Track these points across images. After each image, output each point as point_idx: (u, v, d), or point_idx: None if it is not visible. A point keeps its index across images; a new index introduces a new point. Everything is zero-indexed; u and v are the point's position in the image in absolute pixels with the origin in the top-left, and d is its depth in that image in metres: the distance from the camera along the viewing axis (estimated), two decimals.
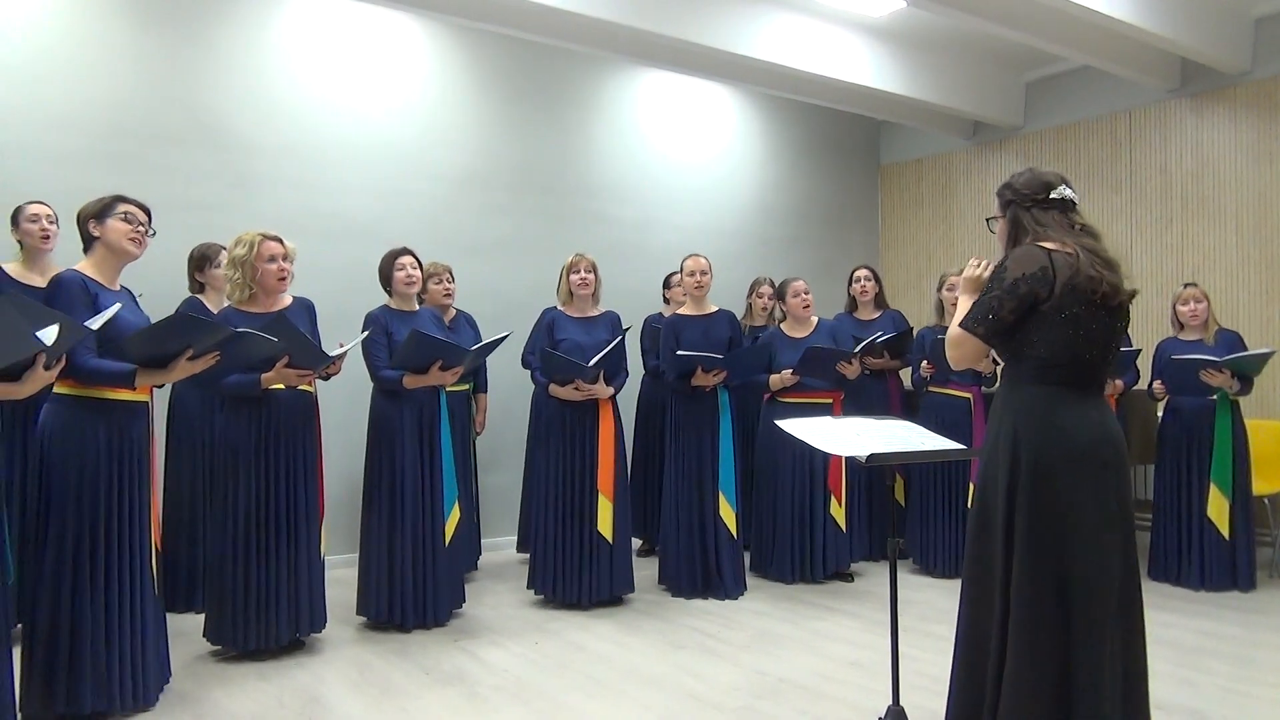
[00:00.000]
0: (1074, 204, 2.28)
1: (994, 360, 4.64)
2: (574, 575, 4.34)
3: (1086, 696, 2.03)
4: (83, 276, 2.99)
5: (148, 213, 3.16)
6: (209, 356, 3.11)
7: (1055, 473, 2.10)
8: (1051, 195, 2.25)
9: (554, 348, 4.39)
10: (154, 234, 3.19)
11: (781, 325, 5.07)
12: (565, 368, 4.30)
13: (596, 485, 4.38)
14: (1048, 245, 2.18)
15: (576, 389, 4.33)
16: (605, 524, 4.35)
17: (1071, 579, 2.07)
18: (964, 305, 2.35)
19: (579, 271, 4.51)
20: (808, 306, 4.97)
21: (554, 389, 4.38)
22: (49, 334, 2.44)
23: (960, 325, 2.24)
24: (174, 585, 4.12)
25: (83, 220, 3.10)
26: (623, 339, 4.46)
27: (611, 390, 4.43)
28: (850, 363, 4.74)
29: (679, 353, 4.49)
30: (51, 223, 3.84)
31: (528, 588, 4.49)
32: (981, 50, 6.49)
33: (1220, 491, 4.67)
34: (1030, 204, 2.26)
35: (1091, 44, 5.52)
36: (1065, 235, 2.20)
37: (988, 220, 2.42)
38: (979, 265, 2.42)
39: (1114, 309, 2.19)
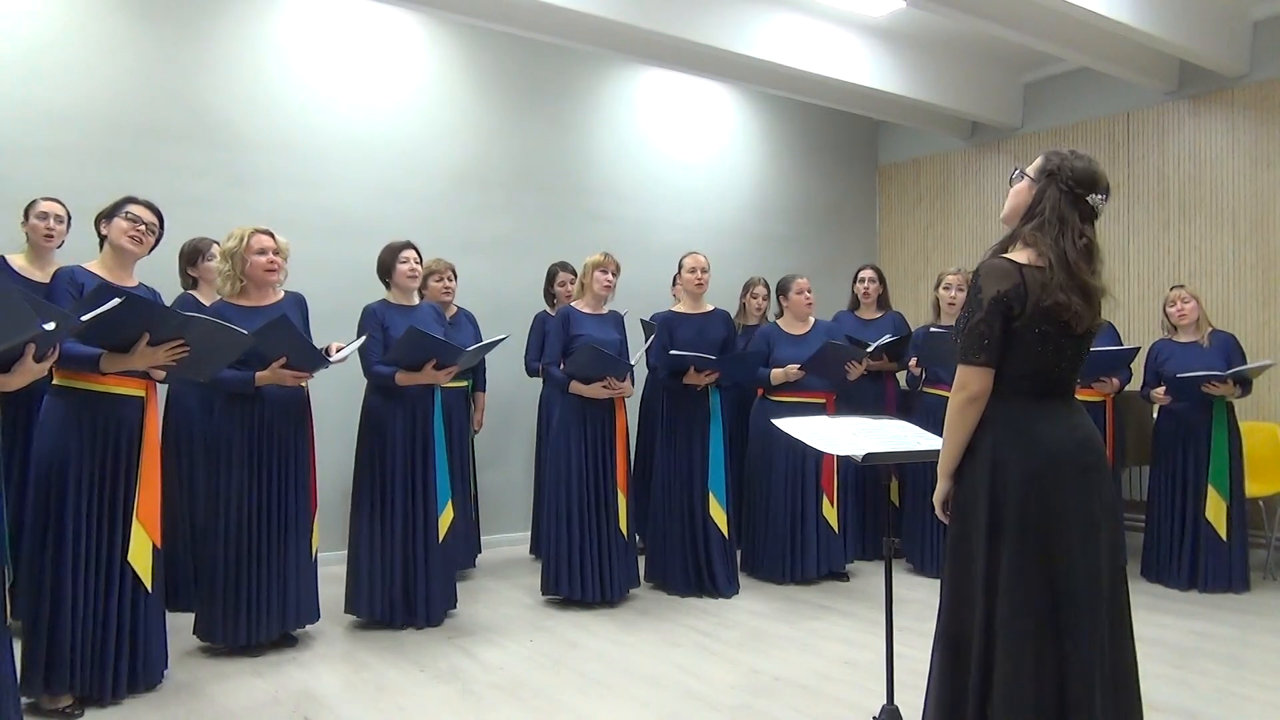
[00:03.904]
0: (1096, 216, 2.20)
1: None
2: (593, 574, 4.34)
3: (1081, 701, 2.04)
4: (74, 271, 3.07)
5: (159, 215, 3.26)
6: (172, 345, 3.03)
7: (1037, 481, 2.10)
8: (1088, 198, 2.16)
9: (571, 343, 4.39)
10: (159, 236, 3.27)
11: (778, 321, 5.07)
12: (607, 364, 4.28)
13: (616, 483, 4.40)
14: (1019, 259, 2.14)
15: (607, 386, 4.33)
16: (624, 521, 4.40)
17: (1059, 585, 2.07)
18: None
19: (606, 271, 4.50)
20: (810, 304, 4.98)
21: (577, 387, 4.35)
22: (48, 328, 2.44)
23: (961, 363, 2.17)
24: (167, 582, 4.10)
25: (97, 221, 3.25)
26: (653, 338, 4.56)
27: (632, 389, 4.48)
28: (859, 362, 4.76)
29: (672, 352, 4.50)
30: (59, 222, 3.88)
31: (543, 592, 4.45)
32: (980, 51, 6.49)
33: (1219, 494, 4.68)
34: (1068, 191, 2.15)
35: (1090, 45, 5.52)
36: (1064, 243, 2.12)
37: (1013, 173, 2.28)
38: None
39: (1079, 335, 2.15)
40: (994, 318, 2.11)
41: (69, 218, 3.90)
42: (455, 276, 4.99)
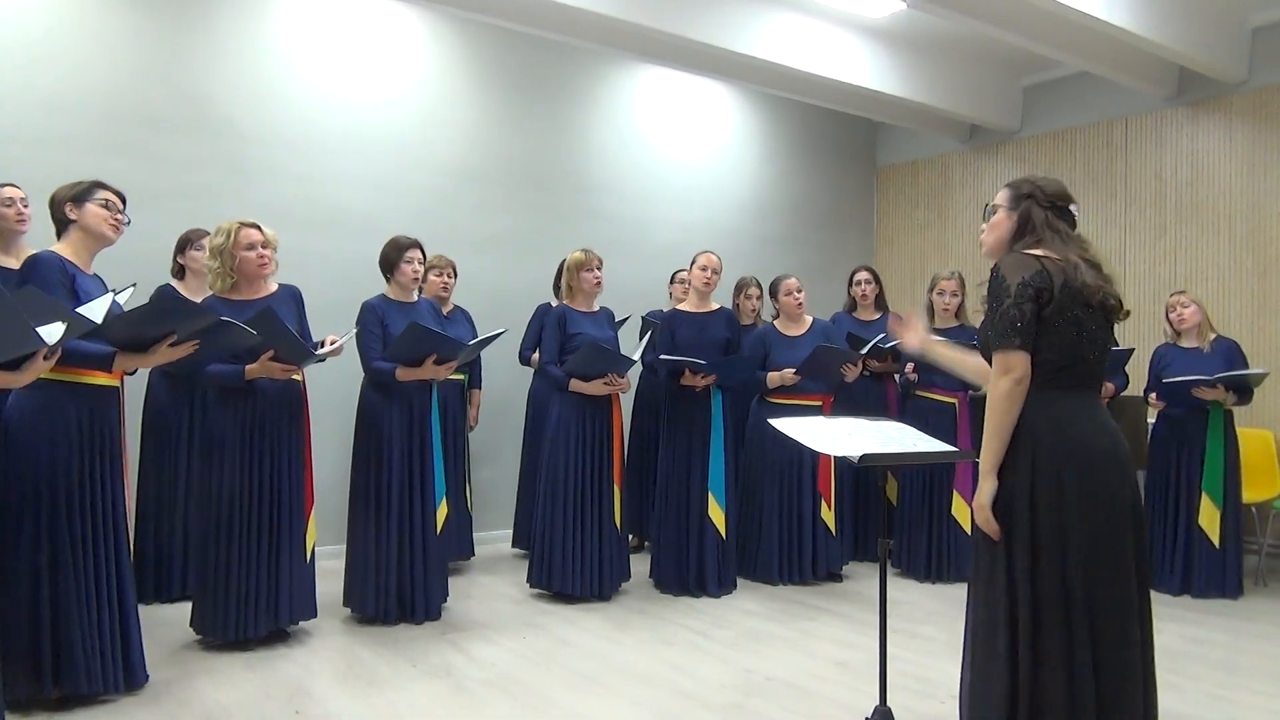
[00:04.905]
0: (1075, 225, 2.33)
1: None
2: (589, 569, 4.34)
3: (1112, 699, 2.06)
4: (61, 258, 2.97)
5: (124, 200, 3.14)
6: (189, 344, 3.05)
7: (1077, 475, 2.11)
8: (1069, 209, 2.29)
9: (568, 342, 4.39)
10: (129, 222, 3.17)
11: (774, 322, 5.07)
12: (610, 360, 4.29)
13: (613, 478, 4.41)
14: (1036, 252, 2.20)
15: (608, 383, 4.34)
16: (619, 515, 4.42)
17: (1094, 580, 2.09)
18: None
19: (593, 269, 4.50)
20: (800, 304, 4.97)
21: (578, 384, 4.34)
22: (54, 330, 2.40)
23: (996, 350, 2.17)
24: (143, 576, 4.07)
25: (58, 203, 3.05)
26: (653, 333, 4.58)
27: (629, 384, 4.51)
28: (855, 364, 4.75)
29: (661, 356, 4.51)
30: (26, 206, 3.77)
31: (530, 584, 4.46)
32: (980, 54, 6.50)
33: (1212, 501, 4.69)
34: (1049, 205, 2.28)
35: (1089, 50, 5.53)
36: (1069, 245, 2.22)
37: (986, 207, 2.39)
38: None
39: (1109, 321, 2.24)
40: (1023, 300, 2.14)
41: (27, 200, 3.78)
42: (455, 274, 4.98)
